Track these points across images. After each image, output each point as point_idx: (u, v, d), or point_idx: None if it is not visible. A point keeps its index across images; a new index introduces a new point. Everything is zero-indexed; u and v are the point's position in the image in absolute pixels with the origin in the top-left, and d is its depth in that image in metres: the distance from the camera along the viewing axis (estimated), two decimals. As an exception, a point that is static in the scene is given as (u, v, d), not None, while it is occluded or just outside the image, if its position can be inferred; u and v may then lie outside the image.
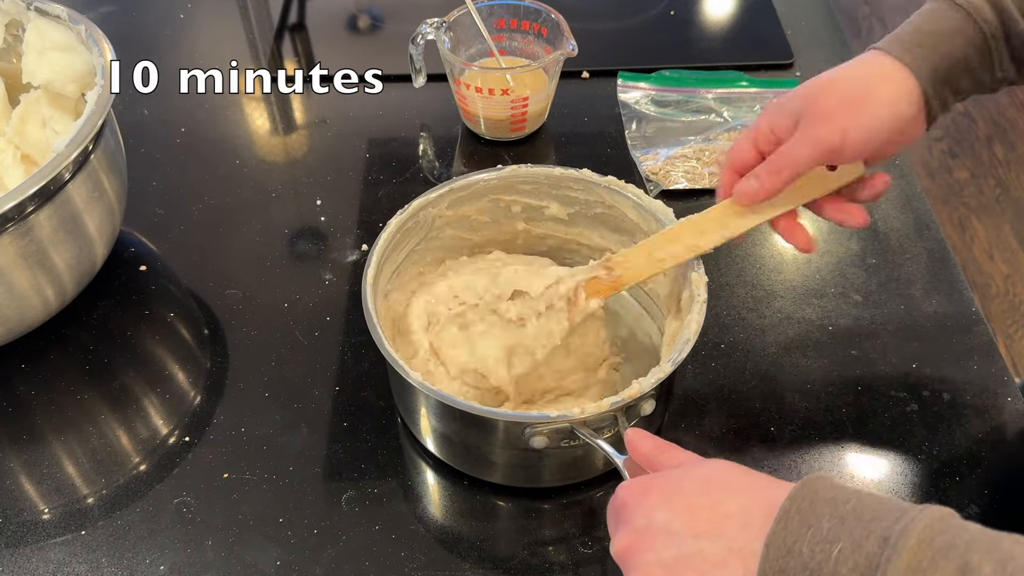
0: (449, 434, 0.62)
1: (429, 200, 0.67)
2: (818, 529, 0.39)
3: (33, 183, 0.61)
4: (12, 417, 0.69)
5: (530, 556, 0.61)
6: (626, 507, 0.47)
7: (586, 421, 0.55)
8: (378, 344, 0.58)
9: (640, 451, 0.52)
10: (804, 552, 0.39)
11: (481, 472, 0.64)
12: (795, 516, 0.40)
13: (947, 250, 0.80)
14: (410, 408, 0.64)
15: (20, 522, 0.64)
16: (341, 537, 0.62)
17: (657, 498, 0.46)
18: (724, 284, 0.77)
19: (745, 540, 0.41)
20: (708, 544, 0.42)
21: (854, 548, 0.38)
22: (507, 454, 0.60)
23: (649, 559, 0.44)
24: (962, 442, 0.66)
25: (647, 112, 0.93)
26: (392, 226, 0.66)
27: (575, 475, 0.64)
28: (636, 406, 0.57)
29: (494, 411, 0.58)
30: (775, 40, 1.02)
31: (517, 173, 0.69)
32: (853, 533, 0.38)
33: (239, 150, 0.91)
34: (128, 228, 0.82)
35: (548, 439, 0.56)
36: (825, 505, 0.40)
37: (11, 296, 0.66)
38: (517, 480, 0.64)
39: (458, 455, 0.64)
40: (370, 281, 0.62)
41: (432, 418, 0.62)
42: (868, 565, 0.37)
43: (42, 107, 0.77)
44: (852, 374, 0.71)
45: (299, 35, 1.06)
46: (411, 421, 0.66)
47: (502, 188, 0.70)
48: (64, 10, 0.74)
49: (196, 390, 0.71)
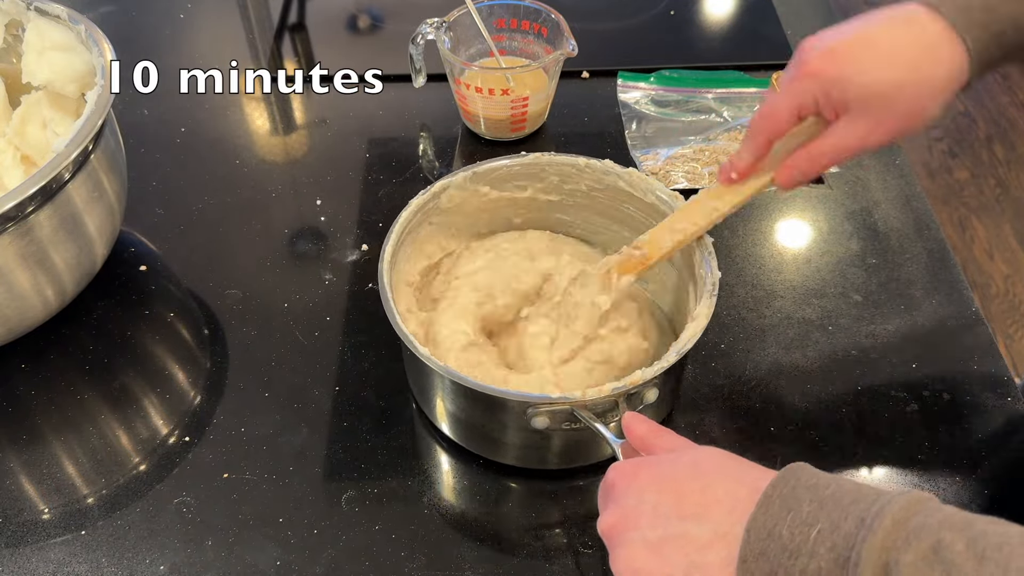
0: (457, 412, 0.63)
1: (452, 182, 0.68)
2: (798, 513, 0.40)
3: (33, 183, 0.61)
4: (12, 417, 0.69)
5: (533, 540, 0.61)
6: (616, 487, 0.48)
7: (587, 404, 0.56)
8: (391, 319, 0.59)
9: (635, 433, 0.52)
10: (784, 535, 0.39)
11: (491, 452, 0.64)
12: (776, 501, 0.41)
13: (947, 250, 0.80)
14: (423, 389, 0.65)
15: (20, 522, 0.64)
16: (341, 537, 0.62)
17: (647, 479, 0.46)
18: (724, 284, 0.77)
19: (730, 524, 0.42)
20: (694, 526, 0.43)
21: (832, 529, 0.38)
22: (514, 435, 0.61)
23: (634, 537, 0.44)
24: (962, 442, 0.66)
25: (647, 112, 0.93)
26: (413, 206, 0.67)
27: (582, 459, 0.64)
28: (639, 393, 0.58)
29: (498, 389, 0.58)
30: (775, 40, 1.02)
31: (540, 161, 0.70)
32: (832, 515, 0.39)
33: (239, 150, 0.91)
34: (128, 228, 0.82)
35: (549, 420, 0.57)
36: (806, 491, 0.41)
37: (11, 296, 0.66)
38: (527, 461, 0.64)
39: (468, 435, 0.64)
40: (387, 258, 0.63)
41: (444, 398, 0.62)
42: (845, 545, 0.38)
43: (43, 109, 0.77)
44: (852, 374, 0.71)
45: (299, 35, 1.06)
46: (424, 401, 0.66)
47: (525, 176, 0.71)
48: (64, 10, 0.74)
49: (196, 390, 0.71)
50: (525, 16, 0.89)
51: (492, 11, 0.89)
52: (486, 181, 0.70)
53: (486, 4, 0.88)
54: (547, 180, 0.72)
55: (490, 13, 0.88)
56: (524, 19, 0.89)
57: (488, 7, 0.88)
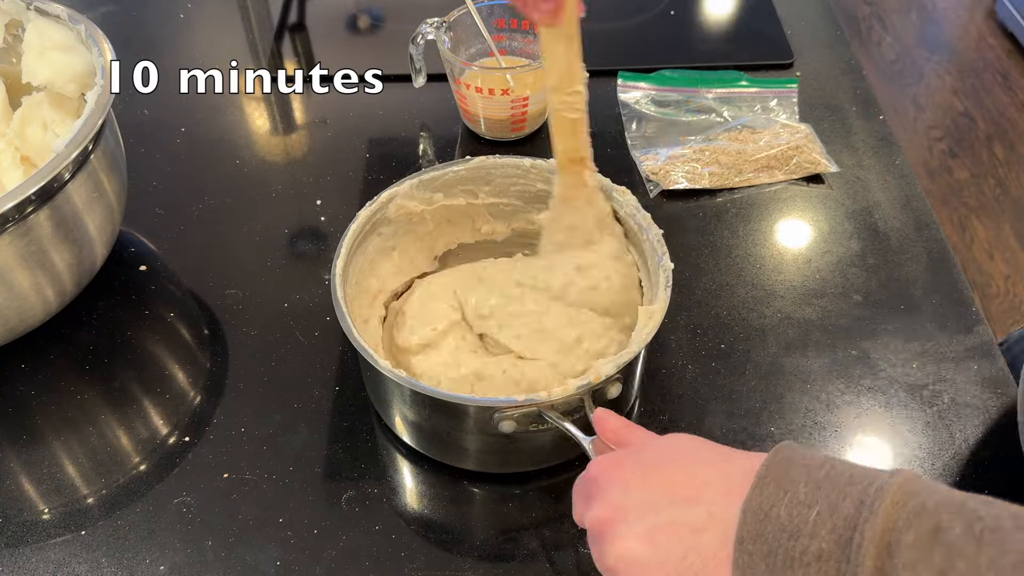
0: (420, 422, 0.62)
1: (398, 191, 0.68)
2: (795, 494, 0.40)
3: (33, 183, 0.61)
4: (12, 417, 0.69)
5: (534, 539, 0.61)
6: (598, 482, 0.47)
7: (553, 405, 0.56)
8: (347, 332, 0.59)
9: (608, 427, 0.53)
10: (782, 516, 0.40)
11: (455, 459, 0.64)
12: (771, 482, 0.41)
13: (947, 250, 0.80)
14: (383, 399, 0.64)
15: (20, 522, 0.64)
16: (341, 537, 0.62)
17: (631, 471, 0.46)
18: (724, 284, 0.78)
19: (722, 506, 0.42)
20: (685, 510, 0.43)
21: (831, 511, 0.39)
22: (479, 439, 0.61)
23: (624, 530, 0.44)
24: (962, 442, 0.66)
25: (647, 112, 0.93)
26: (361, 217, 0.66)
27: (555, 458, 0.64)
28: (603, 389, 0.58)
29: (462, 396, 0.58)
30: (775, 40, 1.02)
31: (485, 164, 0.70)
32: (829, 497, 0.39)
33: (239, 150, 0.91)
34: (128, 228, 0.82)
35: (517, 423, 0.57)
36: (800, 471, 0.41)
37: (11, 296, 0.66)
38: (491, 466, 0.64)
39: (430, 443, 0.64)
40: (339, 272, 0.62)
41: (404, 407, 0.62)
42: (846, 526, 0.38)
43: (44, 110, 0.77)
44: (852, 374, 0.71)
45: (299, 35, 1.06)
46: (382, 410, 0.66)
47: (471, 179, 0.70)
48: (64, 10, 0.74)
49: (196, 390, 0.71)
50: (525, 16, 0.89)
51: (492, 11, 0.89)
52: (433, 188, 0.70)
53: (486, 4, 0.88)
54: (495, 183, 0.71)
55: (490, 13, 0.88)
56: (524, 19, 0.89)
57: (488, 7, 0.88)
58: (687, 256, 0.80)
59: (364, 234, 0.67)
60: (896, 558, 0.37)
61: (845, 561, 0.38)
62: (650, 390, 0.70)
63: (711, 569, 0.41)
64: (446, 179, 0.70)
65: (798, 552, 0.39)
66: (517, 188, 0.71)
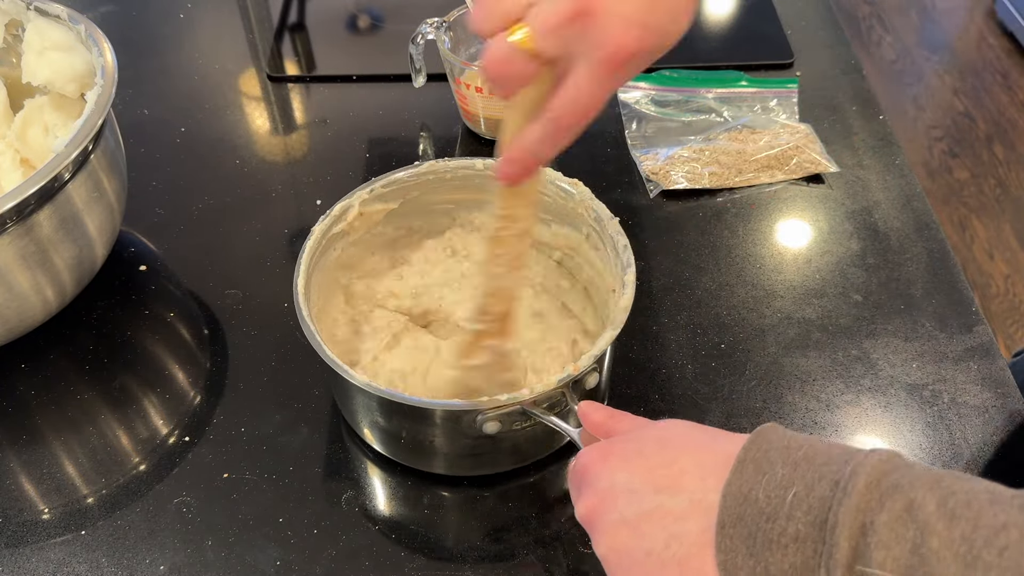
0: (391, 429, 0.62)
1: (352, 202, 0.68)
2: (772, 476, 0.40)
3: (33, 183, 0.61)
4: (12, 417, 0.69)
5: (534, 539, 0.61)
6: (588, 472, 0.48)
7: (536, 400, 0.56)
8: (318, 350, 0.59)
9: (593, 420, 0.53)
10: (760, 498, 0.40)
11: (425, 465, 0.64)
12: (750, 465, 0.41)
13: (947, 250, 0.80)
14: (350, 408, 0.64)
15: (20, 522, 0.64)
16: (341, 537, 0.62)
17: (617, 460, 0.46)
18: (724, 284, 0.78)
19: (704, 492, 0.42)
20: (669, 498, 0.43)
21: (807, 492, 0.39)
22: (460, 443, 0.61)
23: (613, 519, 0.45)
24: (962, 442, 0.66)
25: (647, 112, 0.93)
26: (316, 233, 0.66)
27: (542, 452, 0.64)
28: (581, 380, 0.58)
29: (442, 403, 0.58)
30: (775, 40, 1.02)
31: (435, 168, 0.70)
32: (806, 477, 0.39)
33: (239, 150, 0.91)
34: (128, 228, 0.82)
35: (500, 423, 0.57)
36: (778, 453, 0.41)
37: (11, 296, 0.66)
38: (463, 469, 0.64)
39: (406, 452, 0.64)
40: (300, 291, 0.62)
41: (377, 416, 0.62)
42: (821, 507, 0.38)
43: (46, 114, 0.77)
44: (852, 374, 0.71)
45: (299, 35, 1.06)
46: (349, 416, 0.66)
47: (422, 185, 0.70)
48: (64, 10, 0.74)
49: (196, 390, 0.71)
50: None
51: (492, 11, 0.89)
52: (387, 198, 0.70)
53: (486, 4, 0.88)
54: (450, 184, 0.71)
55: (490, 13, 0.88)
56: (524, 19, 0.89)
57: (488, 7, 0.88)
58: (687, 256, 0.80)
59: (322, 249, 0.67)
60: (870, 537, 0.36)
61: (821, 542, 0.37)
62: (650, 390, 0.70)
63: (694, 555, 0.42)
64: (399, 187, 0.70)
65: (776, 534, 0.39)
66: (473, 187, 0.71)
